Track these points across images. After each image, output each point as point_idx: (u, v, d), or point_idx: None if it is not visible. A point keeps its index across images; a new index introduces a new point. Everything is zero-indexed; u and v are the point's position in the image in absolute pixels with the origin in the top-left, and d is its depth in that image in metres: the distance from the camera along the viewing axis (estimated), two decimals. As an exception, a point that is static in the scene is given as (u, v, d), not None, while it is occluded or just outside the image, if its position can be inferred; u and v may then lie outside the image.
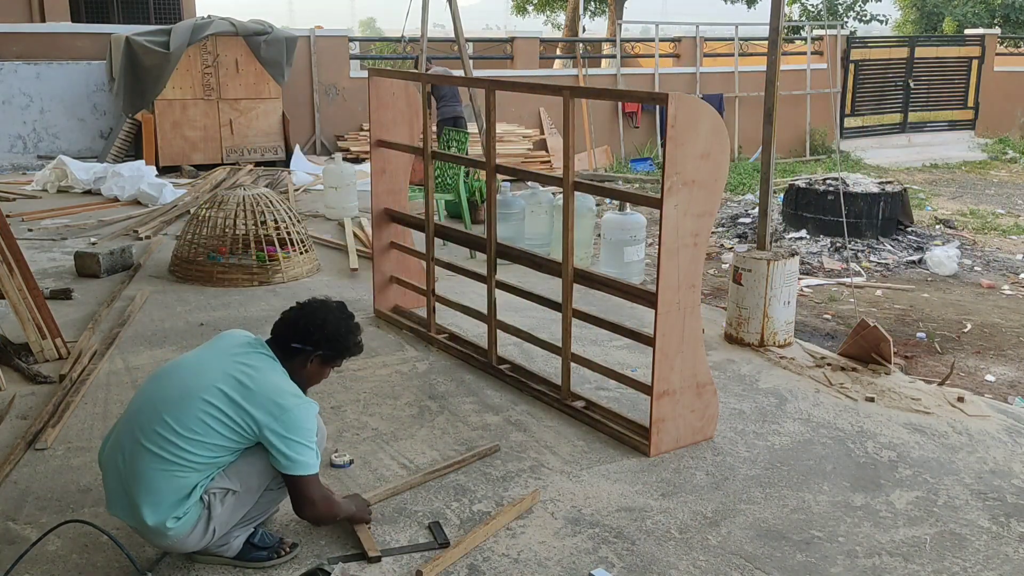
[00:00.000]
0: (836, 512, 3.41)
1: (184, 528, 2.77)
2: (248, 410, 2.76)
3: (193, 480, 2.76)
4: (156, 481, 2.74)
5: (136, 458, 2.76)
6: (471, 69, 10.14)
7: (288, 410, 2.77)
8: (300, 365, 2.97)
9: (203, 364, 2.90)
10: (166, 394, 2.83)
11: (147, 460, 2.75)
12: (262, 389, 2.79)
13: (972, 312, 7.01)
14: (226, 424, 2.75)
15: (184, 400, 2.78)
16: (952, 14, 25.20)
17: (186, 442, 2.73)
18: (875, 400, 4.46)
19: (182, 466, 2.74)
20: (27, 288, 4.82)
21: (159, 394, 2.84)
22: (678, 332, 3.73)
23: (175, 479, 2.74)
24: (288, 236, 6.48)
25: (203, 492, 2.79)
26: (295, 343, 2.95)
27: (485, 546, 3.12)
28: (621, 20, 17.28)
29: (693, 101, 3.54)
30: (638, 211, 6.87)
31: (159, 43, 10.92)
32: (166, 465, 2.73)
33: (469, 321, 5.09)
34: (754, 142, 14.89)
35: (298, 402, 2.81)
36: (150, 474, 2.74)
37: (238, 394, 2.77)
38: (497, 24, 59.40)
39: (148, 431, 2.77)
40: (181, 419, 2.75)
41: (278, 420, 2.75)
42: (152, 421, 2.78)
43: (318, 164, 11.55)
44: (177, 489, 2.74)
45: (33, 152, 11.48)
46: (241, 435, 2.78)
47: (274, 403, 2.77)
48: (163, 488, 2.74)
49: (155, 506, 2.74)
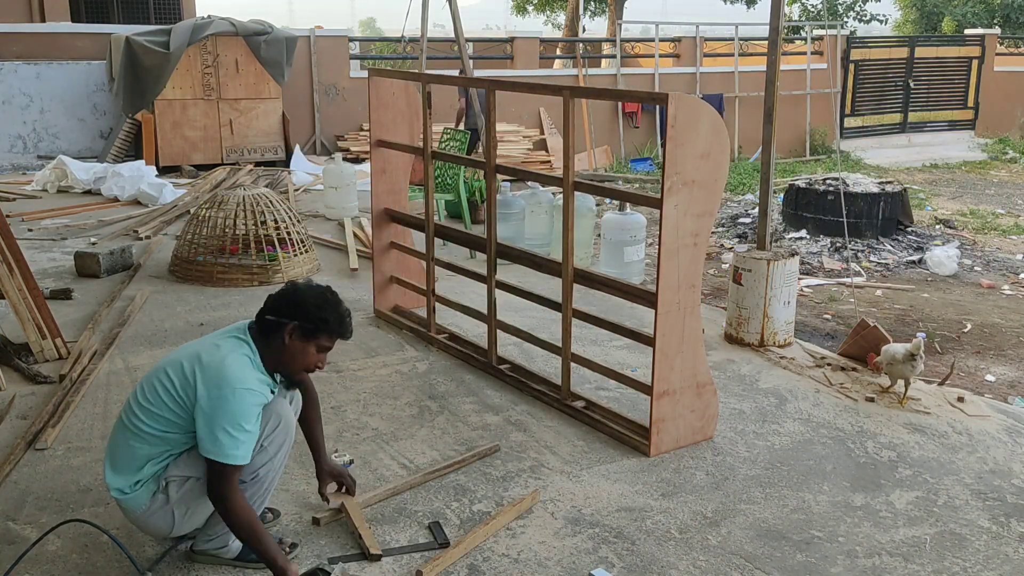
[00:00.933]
0: (836, 512, 3.41)
1: (136, 502, 2.82)
2: (194, 384, 2.73)
3: (143, 452, 2.78)
4: (116, 447, 2.85)
5: (113, 431, 2.91)
6: (471, 69, 10.15)
7: (223, 393, 2.68)
8: (280, 343, 2.84)
9: (186, 346, 2.93)
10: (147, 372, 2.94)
11: (116, 429, 2.88)
12: (212, 364, 2.74)
13: (972, 312, 7.02)
14: (172, 396, 2.75)
15: (152, 373, 2.86)
16: (952, 14, 25.20)
17: (140, 410, 2.79)
18: (875, 400, 4.46)
19: (135, 434, 2.79)
20: (27, 288, 4.82)
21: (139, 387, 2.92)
22: (678, 332, 3.73)
23: (128, 447, 2.80)
24: (288, 236, 6.48)
25: (161, 475, 2.81)
26: (269, 315, 2.85)
27: (485, 546, 3.12)
28: (621, 20, 17.28)
29: (693, 101, 3.54)
30: (638, 211, 6.87)
31: (159, 43, 10.92)
32: (125, 433, 2.82)
33: (469, 321, 5.09)
34: (754, 142, 14.89)
35: (237, 388, 2.70)
36: (114, 441, 2.87)
37: (193, 367, 2.75)
38: (497, 24, 59.38)
39: (125, 407, 2.89)
40: (143, 389, 2.83)
41: (209, 398, 2.69)
42: (130, 397, 2.89)
43: (318, 164, 11.55)
44: (129, 458, 2.80)
45: (33, 152, 11.48)
46: (179, 412, 2.75)
47: (216, 380, 2.71)
48: (119, 455, 2.83)
49: (112, 472, 2.83)
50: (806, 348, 5.24)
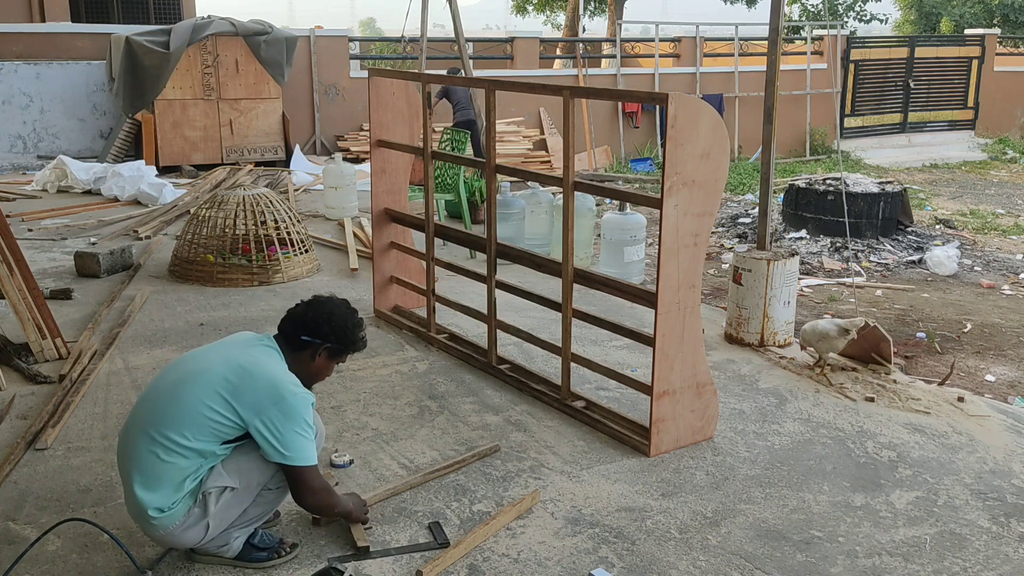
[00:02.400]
0: (836, 512, 3.41)
1: (170, 521, 2.77)
2: (243, 397, 2.76)
3: (183, 466, 2.75)
4: (147, 464, 2.75)
5: (135, 444, 2.79)
6: (471, 69, 10.15)
7: (285, 399, 2.77)
8: (308, 358, 2.99)
9: (209, 353, 2.93)
10: (168, 380, 2.87)
11: (143, 445, 2.77)
12: (261, 377, 2.80)
13: (972, 312, 7.01)
14: (217, 411, 2.75)
15: (181, 384, 2.81)
16: (951, 14, 25.21)
17: (178, 426, 2.74)
18: (875, 400, 4.46)
19: (172, 450, 2.73)
20: (27, 288, 4.82)
21: (163, 381, 2.89)
22: (678, 332, 3.73)
23: (164, 464, 2.74)
24: (288, 236, 6.48)
25: (200, 489, 2.79)
26: (304, 336, 2.97)
27: (485, 546, 3.12)
28: (621, 20, 17.29)
29: (693, 101, 3.54)
30: (638, 211, 6.87)
31: (159, 43, 10.92)
32: (155, 449, 2.74)
33: (469, 321, 5.09)
34: (754, 142, 14.89)
35: (296, 391, 2.81)
36: (143, 460, 2.76)
37: (237, 379, 2.78)
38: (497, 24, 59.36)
39: (147, 417, 2.81)
40: (176, 402, 2.77)
41: (275, 407, 2.75)
42: (152, 407, 2.82)
43: (318, 164, 11.55)
44: (167, 476, 2.74)
45: (33, 152, 11.48)
46: (232, 423, 2.76)
47: (271, 391, 2.77)
48: (153, 473, 2.75)
49: (147, 490, 2.75)
50: (806, 348, 5.23)
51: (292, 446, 2.77)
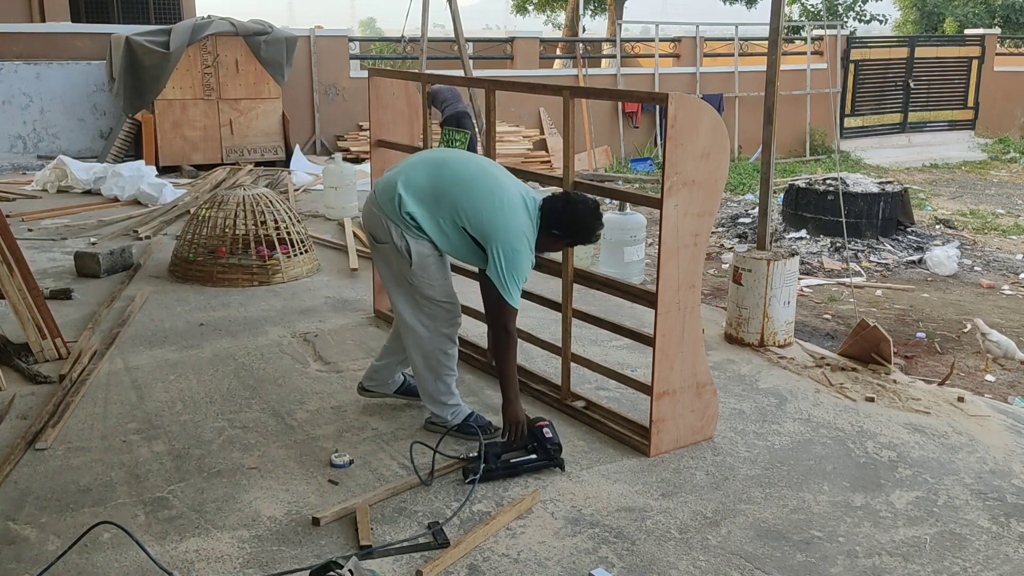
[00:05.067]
0: (836, 512, 3.41)
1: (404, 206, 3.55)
2: (496, 221, 3.47)
3: (442, 207, 3.54)
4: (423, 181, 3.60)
5: (418, 169, 3.65)
6: (471, 69, 10.15)
7: (519, 253, 3.49)
8: (551, 240, 3.65)
9: (496, 177, 3.63)
10: (458, 168, 3.64)
11: (423, 173, 3.62)
12: (517, 222, 3.50)
13: (972, 312, 7.02)
14: (478, 213, 3.50)
15: (481, 171, 3.62)
16: (952, 14, 25.21)
17: (450, 194, 3.54)
18: (875, 400, 4.46)
19: (439, 197, 3.55)
20: (27, 288, 4.82)
21: (453, 162, 3.67)
22: (678, 332, 3.73)
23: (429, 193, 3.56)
24: (288, 236, 6.48)
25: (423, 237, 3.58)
26: (555, 231, 3.61)
27: (485, 546, 3.12)
28: (621, 20, 17.29)
29: (693, 101, 3.54)
30: (638, 211, 6.87)
31: (159, 43, 10.92)
32: (433, 187, 3.57)
33: (469, 321, 5.07)
34: (754, 142, 14.90)
35: (528, 257, 3.53)
36: (423, 178, 3.61)
37: (507, 206, 3.49)
38: (497, 24, 59.39)
39: (430, 168, 3.65)
40: (462, 186, 3.55)
41: (510, 251, 3.47)
42: (439, 169, 3.63)
43: (318, 164, 11.54)
44: (427, 197, 3.56)
45: (33, 152, 11.48)
46: (474, 226, 3.51)
47: (516, 239, 3.48)
48: (422, 188, 3.58)
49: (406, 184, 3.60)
50: (806, 348, 5.24)
51: (507, 284, 3.48)
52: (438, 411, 3.87)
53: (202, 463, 3.67)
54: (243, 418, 4.10)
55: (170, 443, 3.84)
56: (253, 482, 3.52)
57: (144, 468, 3.62)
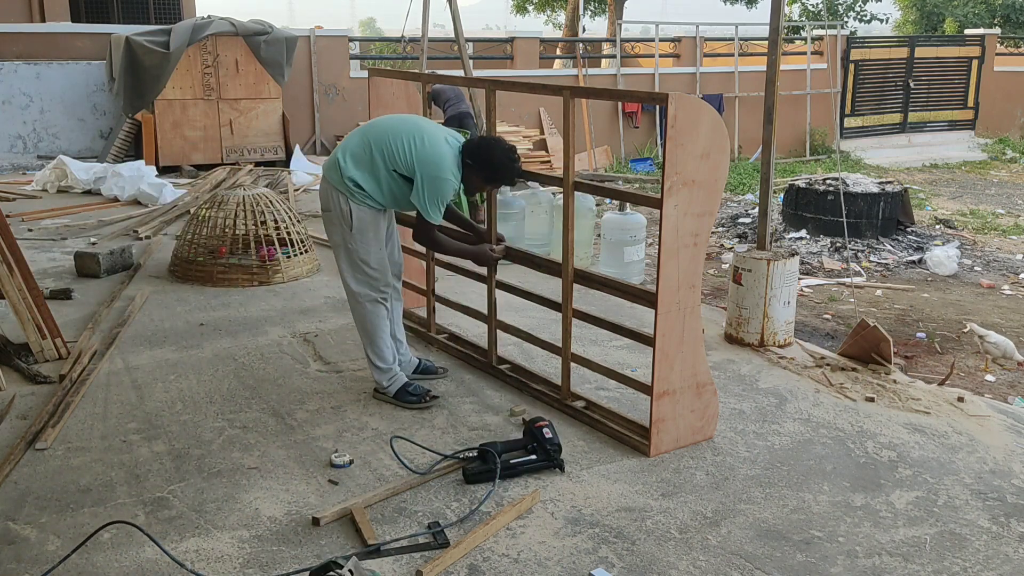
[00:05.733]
0: (836, 512, 3.41)
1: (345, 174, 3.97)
2: (421, 154, 3.91)
3: (377, 162, 3.97)
4: (355, 148, 4.03)
5: (351, 139, 4.08)
6: (471, 69, 10.15)
7: (441, 176, 3.91)
8: (469, 171, 4.04)
9: (418, 123, 4.09)
10: (382, 123, 4.10)
11: (355, 140, 4.06)
12: (438, 153, 3.93)
13: (972, 312, 7.02)
14: (404, 147, 3.93)
15: (399, 123, 4.07)
16: (952, 14, 25.21)
17: (379, 146, 3.97)
18: (875, 400, 4.46)
19: (372, 151, 3.98)
20: (27, 288, 4.82)
21: (378, 122, 4.12)
22: (678, 332, 3.73)
23: (363, 154, 3.99)
24: (288, 236, 6.48)
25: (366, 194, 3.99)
26: (468, 160, 4.01)
27: (485, 546, 3.12)
28: (621, 20, 17.29)
29: (693, 101, 3.54)
30: (638, 211, 6.87)
31: (159, 43, 10.92)
32: (363, 148, 4.01)
33: (469, 321, 5.09)
34: (754, 142, 14.89)
35: (449, 178, 3.93)
36: (355, 145, 4.04)
37: (429, 142, 3.94)
38: (497, 24, 59.41)
39: (360, 134, 4.08)
40: (390, 131, 4.00)
41: (429, 170, 3.90)
42: (366, 131, 4.08)
43: (318, 164, 11.54)
44: (363, 158, 3.98)
45: (33, 152, 11.48)
46: (406, 164, 3.93)
47: (439, 166, 3.91)
48: (357, 154, 4.00)
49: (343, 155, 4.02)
50: (806, 348, 5.24)
51: (428, 206, 3.93)
52: (377, 376, 4.27)
53: (202, 463, 3.67)
54: (243, 418, 4.10)
55: (170, 443, 3.84)
56: (253, 482, 3.52)
57: (144, 468, 3.62)
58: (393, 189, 4.01)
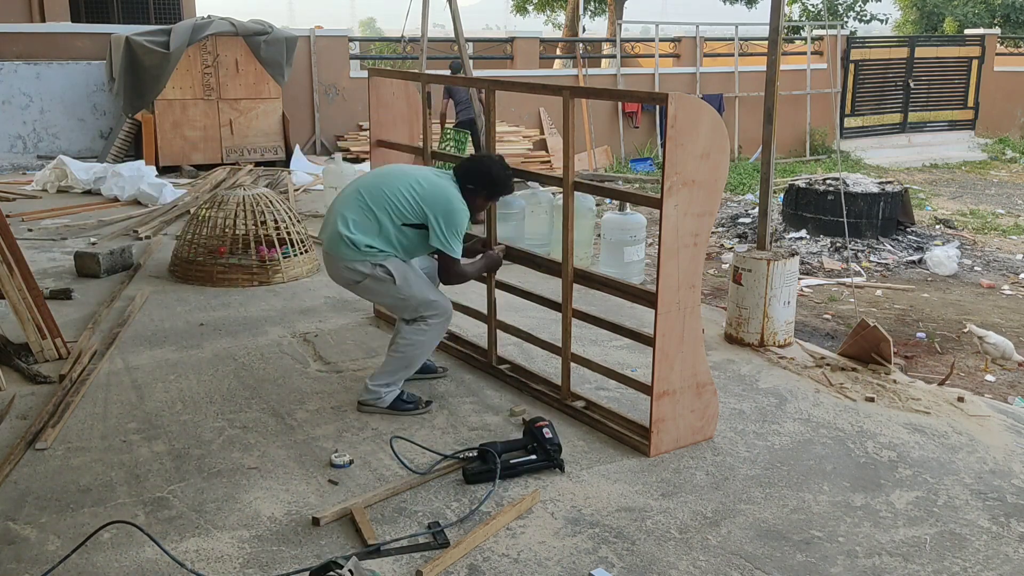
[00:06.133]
0: (836, 512, 3.41)
1: (359, 243, 3.92)
2: (427, 197, 3.91)
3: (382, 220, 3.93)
4: (355, 215, 3.96)
5: (345, 207, 4.00)
6: (471, 69, 10.15)
7: (453, 208, 3.93)
8: (471, 197, 4.05)
9: (405, 168, 4.17)
10: (375, 176, 4.10)
11: (352, 208, 3.97)
12: (440, 189, 3.95)
13: (972, 312, 7.02)
14: (408, 198, 3.91)
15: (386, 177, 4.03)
16: (952, 14, 25.21)
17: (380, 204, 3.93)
18: (875, 400, 4.46)
19: (376, 213, 3.93)
20: (27, 288, 4.82)
21: (364, 183, 4.05)
22: (678, 332, 3.73)
23: (367, 219, 3.94)
24: (288, 236, 6.48)
25: (386, 256, 3.96)
26: (470, 185, 4.04)
27: (485, 546, 3.12)
28: (621, 20, 17.29)
29: (693, 101, 3.54)
30: (638, 211, 6.87)
31: (159, 43, 10.92)
32: (364, 212, 3.95)
33: (469, 321, 5.09)
34: (754, 142, 14.90)
35: (461, 207, 3.95)
36: (354, 212, 3.96)
37: (427, 184, 3.95)
38: (497, 24, 59.44)
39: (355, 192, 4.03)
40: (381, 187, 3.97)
41: (445, 210, 3.91)
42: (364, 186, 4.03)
43: (318, 164, 11.55)
44: (368, 223, 3.94)
45: (33, 152, 11.48)
46: (414, 210, 3.91)
47: (446, 199, 3.93)
48: (359, 221, 3.94)
49: (352, 233, 3.93)
50: (806, 348, 5.24)
51: (450, 242, 3.93)
52: (380, 390, 4.12)
53: (202, 463, 3.67)
54: (243, 418, 4.10)
55: (170, 443, 3.84)
56: (253, 482, 3.52)
57: (144, 468, 3.62)
58: (404, 242, 3.99)
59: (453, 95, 10.95)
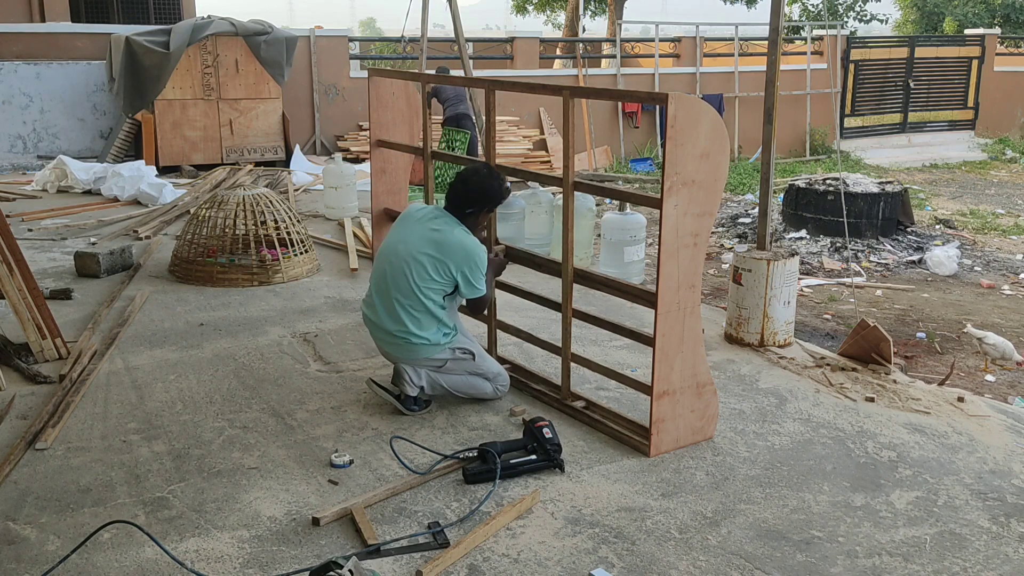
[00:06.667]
0: (836, 512, 3.41)
1: (433, 339, 4.01)
2: (449, 259, 3.92)
3: (428, 305, 3.96)
4: (399, 311, 3.99)
5: (387, 300, 4.03)
6: (471, 69, 10.15)
7: (473, 254, 3.94)
8: (473, 219, 4.07)
9: (408, 236, 4.03)
10: (387, 265, 4.04)
11: (394, 303, 4.00)
12: (455, 243, 3.93)
13: (972, 312, 7.02)
14: (434, 277, 3.92)
15: (400, 267, 3.97)
16: (952, 14, 25.21)
17: (411, 291, 3.95)
18: (875, 400, 4.46)
19: (418, 299, 3.96)
20: (27, 288, 4.82)
21: (384, 267, 4.05)
22: (678, 332, 3.73)
23: (413, 310, 3.98)
24: (288, 236, 6.48)
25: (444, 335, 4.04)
26: (468, 209, 4.04)
27: (485, 546, 3.12)
28: (621, 20, 17.29)
29: (693, 101, 3.54)
30: (638, 211, 6.87)
31: (159, 43, 10.92)
32: (409, 301, 3.98)
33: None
34: (754, 142, 14.90)
35: (478, 249, 3.96)
36: (398, 310, 3.99)
37: (438, 251, 3.92)
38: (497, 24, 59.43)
39: (388, 289, 4.02)
40: (401, 280, 3.97)
41: (467, 261, 3.93)
42: (388, 284, 4.02)
43: (318, 164, 11.55)
44: (417, 312, 3.97)
45: (33, 152, 11.48)
46: (445, 277, 3.93)
47: (463, 249, 3.93)
48: (418, 318, 3.98)
49: (404, 318, 3.98)
50: (806, 348, 5.24)
51: (477, 284, 3.99)
52: (413, 384, 4.11)
53: (202, 463, 3.67)
54: (243, 418, 4.10)
55: (170, 443, 3.84)
56: (253, 482, 3.52)
57: (144, 468, 3.62)
58: (446, 307, 4.06)
59: (439, 95, 10.87)
